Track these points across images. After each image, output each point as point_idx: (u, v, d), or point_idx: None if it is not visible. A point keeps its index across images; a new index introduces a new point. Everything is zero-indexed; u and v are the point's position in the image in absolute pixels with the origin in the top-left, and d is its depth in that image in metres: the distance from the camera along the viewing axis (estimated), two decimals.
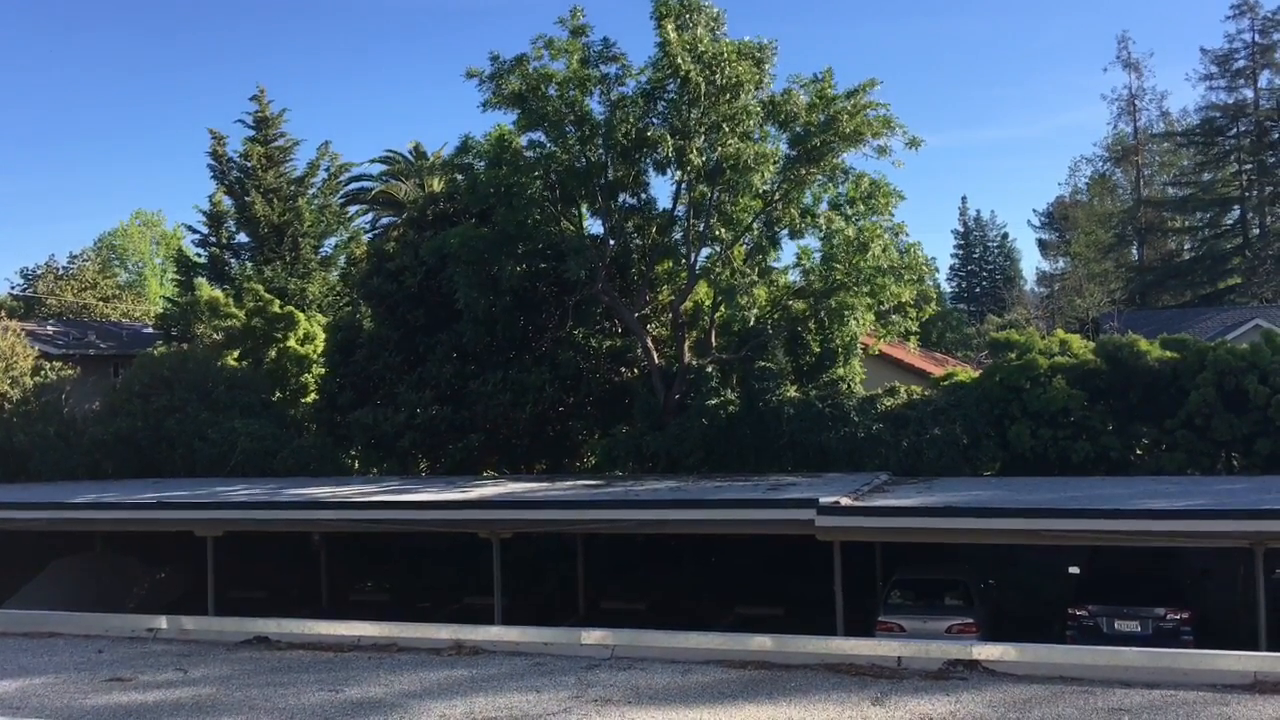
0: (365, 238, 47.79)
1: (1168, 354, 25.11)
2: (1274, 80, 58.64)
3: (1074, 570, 22.42)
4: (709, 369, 27.10)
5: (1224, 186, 60.08)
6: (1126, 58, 62.76)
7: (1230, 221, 60.78)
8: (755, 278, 26.22)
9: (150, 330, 45.15)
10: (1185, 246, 64.45)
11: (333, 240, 46.19)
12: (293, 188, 44.46)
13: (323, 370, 33.19)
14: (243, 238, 44.17)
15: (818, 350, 27.81)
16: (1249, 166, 58.75)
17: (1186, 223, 63.06)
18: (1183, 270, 60.58)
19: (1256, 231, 58.62)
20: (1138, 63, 62.86)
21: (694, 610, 23.37)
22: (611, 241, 28.06)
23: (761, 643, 10.18)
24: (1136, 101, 63.34)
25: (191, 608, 21.85)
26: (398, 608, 24.77)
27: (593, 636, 10.64)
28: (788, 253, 29.21)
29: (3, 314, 38.91)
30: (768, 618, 22.32)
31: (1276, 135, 57.86)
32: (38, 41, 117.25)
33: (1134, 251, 64.51)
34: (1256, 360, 24.19)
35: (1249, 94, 58.70)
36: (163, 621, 12.24)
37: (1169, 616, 18.81)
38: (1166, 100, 76.55)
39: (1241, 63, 58.41)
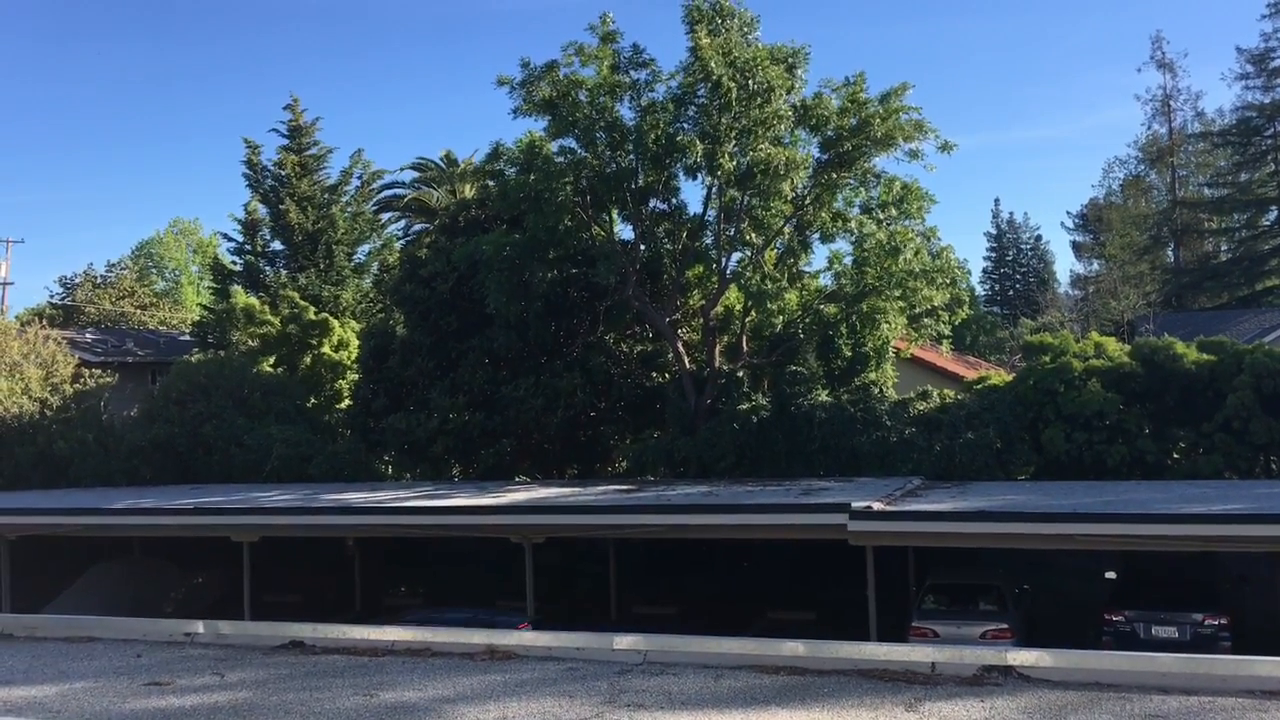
0: (398, 244, 48.14)
1: (1204, 356, 24.84)
2: None
3: (1110, 575, 22.21)
4: (740, 373, 27.07)
5: (1261, 187, 59.29)
6: (1161, 58, 62.10)
7: (1268, 222, 59.96)
8: (786, 282, 26.18)
9: (187, 338, 45.68)
10: (1222, 248, 63.61)
11: (366, 247, 46.57)
12: (326, 195, 44.82)
13: (356, 376, 33.45)
14: (277, 245, 44.56)
15: (849, 354, 27.71)
16: None
17: (1223, 224, 62.28)
18: (1219, 272, 59.82)
19: None
20: (1172, 63, 62.19)
21: (725, 614, 23.33)
22: (642, 247, 28.12)
23: (794, 648, 10.15)
24: (1171, 102, 62.65)
25: (228, 612, 22.05)
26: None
27: (625, 641, 10.65)
28: (819, 256, 29.23)
29: (43, 322, 39.47)
30: (800, 622, 22.26)
31: None
32: (76, 52, 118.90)
33: (1169, 253, 63.78)
34: None
35: None
36: (200, 626, 12.35)
37: (1207, 622, 18.60)
38: (1202, 100, 75.57)
39: (1278, 62, 57.69)
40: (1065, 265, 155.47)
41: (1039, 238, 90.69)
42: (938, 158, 26.34)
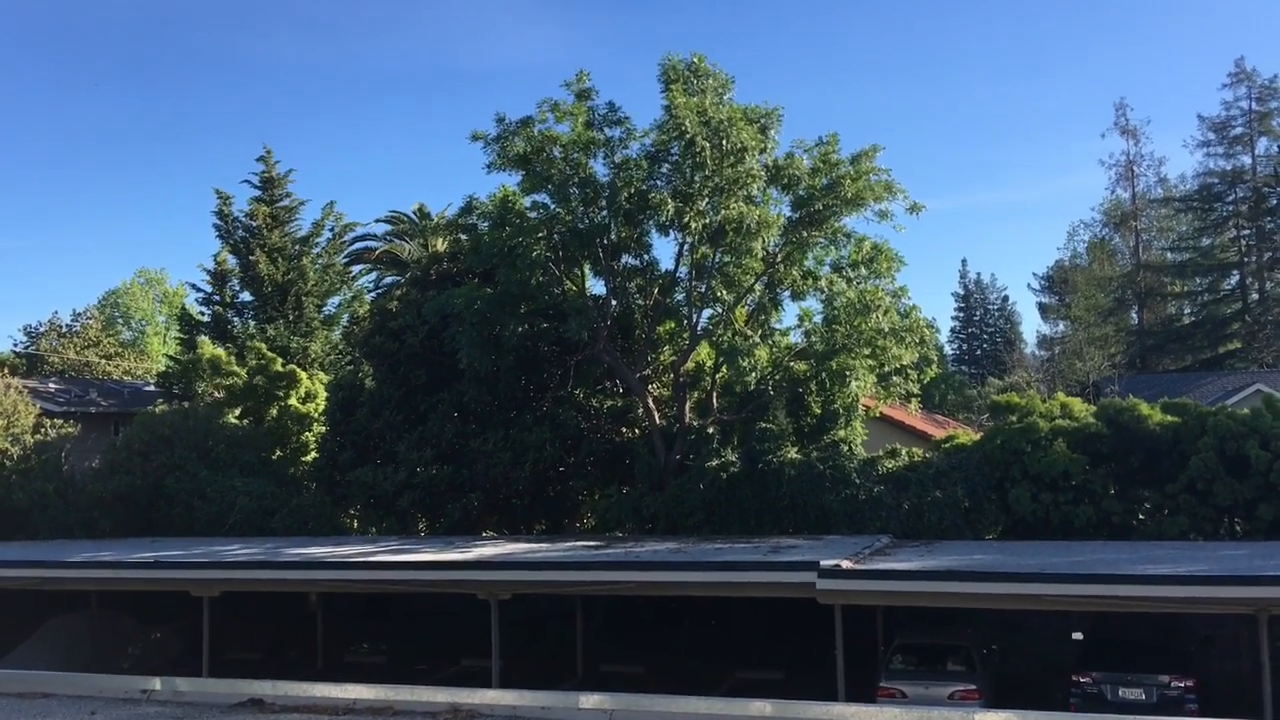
0: (368, 297, 48.01)
1: (1169, 418, 25.07)
2: (1271, 147, 59.23)
3: (1077, 636, 22.20)
4: (710, 430, 27.07)
5: (1223, 252, 60.39)
6: (1124, 124, 63.39)
7: (1229, 286, 61.01)
8: (757, 339, 26.29)
9: (152, 388, 45.21)
10: (1185, 311, 64.63)
11: (336, 299, 46.43)
12: (297, 247, 44.75)
13: (323, 429, 33.17)
14: (246, 296, 44.37)
15: (819, 412, 27.77)
16: (1247, 232, 59.12)
17: (1186, 287, 63.30)
18: (1183, 335, 60.70)
19: (1256, 297, 58.85)
20: (1135, 129, 63.49)
21: (693, 673, 23.14)
22: (614, 302, 28.18)
23: (761, 708, 10.02)
24: (1134, 167, 63.85)
25: (187, 668, 21.65)
26: (394, 669, 24.53)
27: (591, 700, 10.50)
28: (789, 314, 29.36)
29: (5, 371, 38.99)
30: (767, 681, 22.11)
31: (1274, 201, 58.30)
32: (45, 101, 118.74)
33: (1134, 315, 64.69)
34: (1257, 425, 24.15)
35: (1246, 160, 59.25)
36: (157, 683, 12.07)
37: (1173, 684, 18.61)
38: (1164, 166, 77.34)
39: (1239, 130, 59.02)
40: (1032, 326, 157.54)
41: (1006, 298, 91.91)
42: (907, 218, 26.69)
